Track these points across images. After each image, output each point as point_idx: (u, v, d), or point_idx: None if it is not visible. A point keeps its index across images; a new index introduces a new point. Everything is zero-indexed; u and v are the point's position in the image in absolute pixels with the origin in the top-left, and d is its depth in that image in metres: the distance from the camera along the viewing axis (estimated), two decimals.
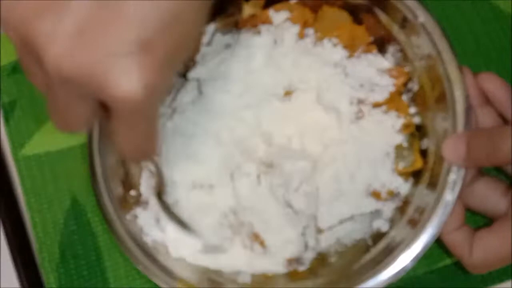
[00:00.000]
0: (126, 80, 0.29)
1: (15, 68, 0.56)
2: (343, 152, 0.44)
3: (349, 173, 0.44)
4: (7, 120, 0.54)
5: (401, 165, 0.43)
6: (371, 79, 0.45)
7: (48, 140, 0.54)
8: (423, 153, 0.43)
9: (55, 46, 0.29)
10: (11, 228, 0.51)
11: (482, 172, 0.44)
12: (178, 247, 0.44)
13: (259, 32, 0.47)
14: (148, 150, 0.35)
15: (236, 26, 0.48)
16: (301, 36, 0.47)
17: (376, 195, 0.43)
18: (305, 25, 0.47)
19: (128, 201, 0.45)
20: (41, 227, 0.52)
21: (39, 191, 0.52)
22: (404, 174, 0.43)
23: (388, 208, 0.44)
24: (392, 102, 0.45)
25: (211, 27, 0.47)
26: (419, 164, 0.43)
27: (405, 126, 0.44)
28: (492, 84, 0.43)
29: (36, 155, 0.53)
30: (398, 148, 0.44)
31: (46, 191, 0.52)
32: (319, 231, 0.44)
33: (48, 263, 0.51)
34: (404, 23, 0.43)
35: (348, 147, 0.44)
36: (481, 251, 0.40)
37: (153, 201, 0.45)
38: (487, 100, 0.43)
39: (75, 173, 0.52)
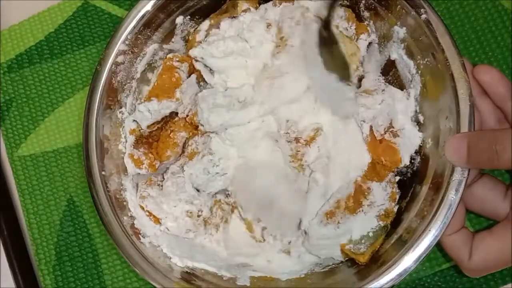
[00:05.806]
0: None
1: (12, 67, 0.55)
2: None
3: None
4: (2, 119, 0.54)
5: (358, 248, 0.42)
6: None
7: (44, 140, 0.53)
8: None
9: None
10: (7, 230, 0.51)
11: (481, 172, 0.43)
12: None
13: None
14: None
15: None
16: None
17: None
18: None
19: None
20: (37, 228, 0.51)
21: (35, 192, 0.52)
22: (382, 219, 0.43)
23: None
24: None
25: (205, 24, 0.47)
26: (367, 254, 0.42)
27: (385, 215, 0.43)
28: (490, 76, 0.43)
29: (32, 155, 0.53)
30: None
31: (42, 192, 0.52)
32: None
33: (45, 265, 0.50)
34: (406, 20, 0.43)
35: None
36: (481, 253, 0.40)
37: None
38: (484, 91, 0.43)
39: (71, 173, 0.52)
